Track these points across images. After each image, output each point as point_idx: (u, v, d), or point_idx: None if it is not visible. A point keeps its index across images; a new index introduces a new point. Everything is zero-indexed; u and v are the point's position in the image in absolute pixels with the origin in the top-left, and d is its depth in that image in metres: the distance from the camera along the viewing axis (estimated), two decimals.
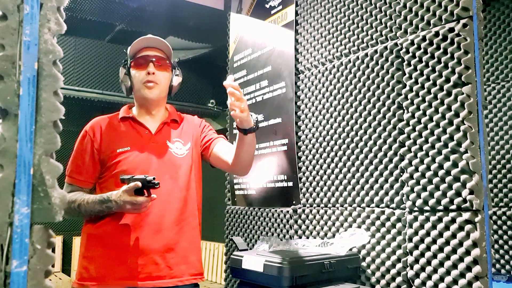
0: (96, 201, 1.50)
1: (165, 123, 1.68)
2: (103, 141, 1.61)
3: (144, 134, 1.64)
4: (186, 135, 1.71)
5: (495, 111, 2.55)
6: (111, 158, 1.58)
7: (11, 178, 0.63)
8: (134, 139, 1.62)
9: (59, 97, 0.70)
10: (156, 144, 1.63)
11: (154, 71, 1.61)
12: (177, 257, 1.57)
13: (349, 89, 1.81)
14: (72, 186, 1.60)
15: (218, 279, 4.65)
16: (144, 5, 3.36)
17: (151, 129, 1.65)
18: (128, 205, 1.42)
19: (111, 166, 1.58)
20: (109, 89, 4.52)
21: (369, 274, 1.65)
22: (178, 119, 1.74)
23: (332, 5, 1.95)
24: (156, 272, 1.53)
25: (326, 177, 1.90)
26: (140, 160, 1.58)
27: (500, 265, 2.43)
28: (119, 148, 1.59)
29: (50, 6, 0.70)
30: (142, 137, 1.63)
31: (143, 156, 1.59)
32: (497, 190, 2.47)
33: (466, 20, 1.37)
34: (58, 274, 4.81)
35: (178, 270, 1.57)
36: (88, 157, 1.60)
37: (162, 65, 1.65)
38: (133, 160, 1.58)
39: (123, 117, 1.67)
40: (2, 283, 0.61)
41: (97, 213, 1.53)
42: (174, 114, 1.74)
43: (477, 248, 1.30)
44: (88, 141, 1.61)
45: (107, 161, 1.59)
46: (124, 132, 1.64)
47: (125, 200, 1.42)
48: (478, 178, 1.32)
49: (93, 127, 1.64)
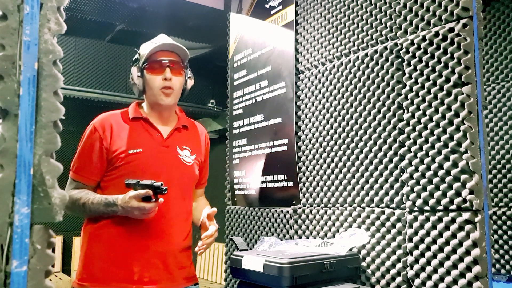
0: (101, 203, 1.47)
1: (176, 129, 1.67)
2: (113, 140, 1.56)
3: (156, 137, 1.61)
4: (194, 145, 1.71)
5: (495, 111, 2.55)
6: (121, 159, 1.54)
7: (11, 178, 0.63)
8: (146, 141, 1.59)
9: (59, 97, 0.70)
10: (167, 148, 1.62)
11: (171, 77, 1.59)
12: (176, 262, 1.58)
13: (349, 89, 1.81)
14: (77, 183, 1.57)
15: (218, 279, 4.64)
16: (144, 5, 3.36)
17: (163, 133, 1.63)
18: (136, 211, 1.41)
19: (120, 166, 1.54)
20: (109, 89, 4.52)
21: (369, 274, 1.65)
22: (188, 125, 1.72)
23: (332, 5, 1.95)
24: (156, 276, 1.53)
25: (326, 177, 1.90)
26: (151, 164, 1.56)
27: (500, 265, 2.43)
28: (131, 149, 1.55)
29: (50, 6, 0.70)
30: (154, 140, 1.61)
31: (154, 160, 1.57)
32: (497, 190, 2.47)
33: (466, 20, 1.37)
34: (58, 274, 4.81)
35: (177, 274, 1.58)
36: (96, 155, 1.55)
37: (176, 69, 1.62)
38: (144, 163, 1.55)
39: (135, 117, 1.62)
40: (2, 283, 0.61)
41: (101, 214, 1.51)
42: (184, 119, 1.73)
43: (477, 248, 1.30)
44: (97, 138, 1.55)
45: (116, 161, 1.54)
46: (136, 133, 1.60)
47: (132, 206, 1.40)
48: (478, 178, 1.32)
49: (103, 124, 1.58)
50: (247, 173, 2.37)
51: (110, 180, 1.57)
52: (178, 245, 1.59)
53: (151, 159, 1.56)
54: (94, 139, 1.55)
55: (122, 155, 1.54)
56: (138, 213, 1.42)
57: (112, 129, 1.57)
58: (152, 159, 1.57)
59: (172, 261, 1.57)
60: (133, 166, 1.54)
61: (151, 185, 1.38)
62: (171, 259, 1.56)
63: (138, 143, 1.57)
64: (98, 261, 1.53)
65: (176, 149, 1.63)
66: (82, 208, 1.50)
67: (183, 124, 1.70)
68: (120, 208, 1.43)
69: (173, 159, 1.61)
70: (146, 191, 1.38)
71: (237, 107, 2.56)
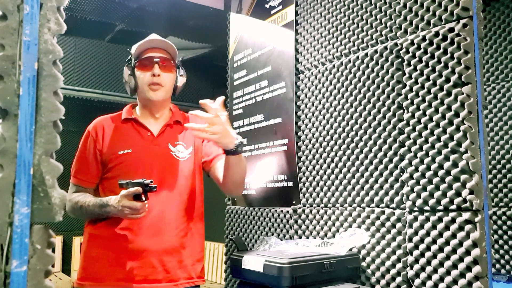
0: (96, 204, 1.50)
1: (168, 125, 1.67)
2: (105, 142, 1.60)
3: (146, 136, 1.63)
4: (189, 138, 1.69)
5: (495, 111, 2.55)
6: (112, 160, 1.58)
7: (11, 178, 0.63)
8: (135, 141, 1.61)
9: (59, 97, 0.70)
10: (158, 146, 1.62)
11: (159, 72, 1.60)
12: (174, 260, 1.57)
13: (349, 89, 1.81)
14: (77, 187, 1.61)
15: (218, 279, 4.64)
16: (144, 5, 3.36)
17: (154, 131, 1.64)
18: (127, 210, 1.42)
19: (112, 167, 1.58)
20: (109, 89, 4.52)
21: (369, 274, 1.65)
22: (181, 120, 1.71)
23: (332, 5, 1.95)
24: (153, 275, 1.53)
25: (326, 177, 1.90)
26: (141, 163, 1.58)
27: (500, 265, 2.43)
28: (121, 150, 1.58)
29: (50, 6, 0.70)
30: (144, 139, 1.62)
31: (144, 159, 1.59)
32: (497, 190, 2.47)
33: (466, 20, 1.37)
34: (58, 274, 4.81)
35: (174, 273, 1.57)
36: (91, 158, 1.60)
37: (166, 66, 1.63)
38: (134, 163, 1.57)
39: (125, 118, 1.66)
40: (2, 283, 0.61)
41: (98, 216, 1.53)
42: (178, 115, 1.73)
43: (477, 248, 1.30)
44: (91, 142, 1.61)
45: (108, 163, 1.58)
46: (126, 133, 1.63)
47: (124, 205, 1.41)
48: (478, 178, 1.32)
49: (95, 127, 1.64)
50: (247, 173, 2.37)
51: (106, 181, 1.60)
52: (176, 243, 1.58)
53: (141, 158, 1.58)
54: (88, 143, 1.61)
55: (113, 156, 1.58)
56: (128, 212, 1.42)
57: (104, 131, 1.62)
58: (142, 158, 1.58)
59: (170, 260, 1.56)
60: (124, 166, 1.57)
61: (142, 183, 1.39)
62: (168, 257, 1.56)
63: (128, 143, 1.60)
64: (96, 261, 1.54)
65: (167, 146, 1.64)
66: (80, 211, 1.54)
67: (175, 119, 1.70)
68: (113, 208, 1.44)
69: (164, 156, 1.62)
70: (136, 189, 1.39)
71: (237, 107, 2.56)
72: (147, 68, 1.61)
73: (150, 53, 1.62)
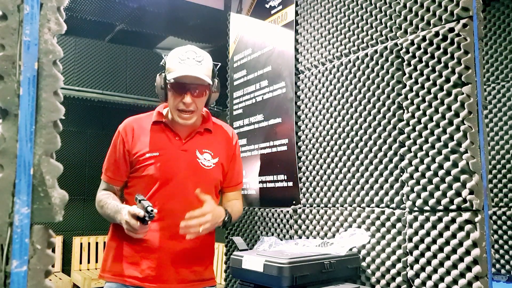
0: (112, 208, 1.55)
1: (198, 132, 1.68)
2: (134, 143, 1.63)
3: (174, 140, 1.64)
4: (217, 148, 1.70)
5: (495, 111, 2.55)
6: (139, 161, 1.61)
7: (11, 178, 0.63)
8: (164, 144, 1.63)
9: (59, 97, 0.70)
10: (185, 152, 1.63)
11: (190, 102, 1.55)
12: (188, 263, 1.62)
13: (349, 89, 1.81)
14: (106, 184, 1.67)
15: (218, 279, 4.64)
16: (144, 5, 3.36)
17: (182, 136, 1.65)
18: (126, 225, 1.43)
19: (139, 169, 1.61)
20: (109, 89, 4.51)
21: (369, 274, 1.65)
22: (212, 128, 1.71)
23: (332, 5, 1.94)
24: (163, 275, 1.57)
25: (326, 177, 1.90)
26: (167, 167, 1.60)
27: (500, 265, 2.43)
28: (149, 153, 1.60)
29: (50, 6, 0.70)
30: (172, 143, 1.64)
31: (171, 163, 1.61)
32: (497, 190, 2.47)
33: (466, 20, 1.37)
34: (58, 274, 4.81)
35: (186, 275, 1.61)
36: (120, 158, 1.64)
37: (199, 92, 1.57)
38: (161, 166, 1.59)
39: (156, 121, 1.66)
40: (2, 283, 0.61)
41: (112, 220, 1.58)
42: (209, 123, 1.72)
43: (477, 248, 1.30)
44: (120, 142, 1.64)
45: (135, 163, 1.62)
46: (155, 136, 1.64)
47: (126, 220, 1.43)
48: (478, 178, 1.32)
49: (125, 128, 1.66)
50: (247, 173, 2.37)
51: (132, 180, 1.65)
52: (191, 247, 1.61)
53: (167, 162, 1.60)
54: (118, 142, 1.65)
55: (141, 157, 1.61)
56: (127, 228, 1.44)
57: (134, 132, 1.64)
58: (168, 162, 1.61)
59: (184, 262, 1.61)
60: (150, 169, 1.60)
61: (146, 208, 1.38)
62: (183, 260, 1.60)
63: (156, 146, 1.62)
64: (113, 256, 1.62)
65: (195, 152, 1.65)
66: (102, 210, 1.61)
67: (206, 127, 1.70)
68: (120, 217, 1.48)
69: (190, 162, 1.63)
70: (139, 212, 1.39)
71: (237, 107, 2.56)
72: (178, 93, 1.56)
73: (183, 80, 1.54)
